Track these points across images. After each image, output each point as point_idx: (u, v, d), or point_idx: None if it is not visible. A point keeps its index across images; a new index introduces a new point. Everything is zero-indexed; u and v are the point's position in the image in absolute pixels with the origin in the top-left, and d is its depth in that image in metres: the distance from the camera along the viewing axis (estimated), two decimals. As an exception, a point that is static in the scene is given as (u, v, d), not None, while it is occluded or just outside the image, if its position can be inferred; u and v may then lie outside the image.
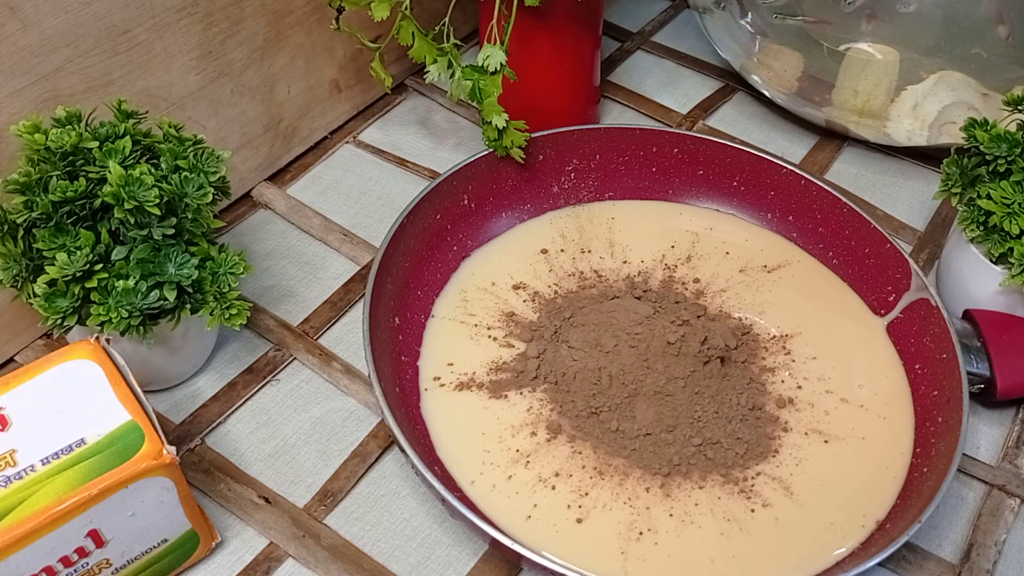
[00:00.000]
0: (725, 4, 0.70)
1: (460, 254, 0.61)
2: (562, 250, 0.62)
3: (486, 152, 0.61)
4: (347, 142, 0.71)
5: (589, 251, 0.62)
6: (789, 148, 0.72)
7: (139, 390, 0.44)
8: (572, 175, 0.64)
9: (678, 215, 0.64)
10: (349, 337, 0.59)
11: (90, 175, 0.47)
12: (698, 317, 0.56)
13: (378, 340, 0.53)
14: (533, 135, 0.62)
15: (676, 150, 0.64)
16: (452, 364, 0.55)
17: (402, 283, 0.57)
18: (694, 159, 0.64)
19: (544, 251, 0.62)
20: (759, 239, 0.63)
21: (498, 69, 0.60)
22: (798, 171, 0.62)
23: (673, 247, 0.62)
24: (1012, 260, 0.54)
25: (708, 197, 0.65)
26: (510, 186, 0.63)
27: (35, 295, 0.47)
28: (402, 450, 0.47)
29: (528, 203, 0.64)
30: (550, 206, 0.64)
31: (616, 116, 0.75)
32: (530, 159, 0.63)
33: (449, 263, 0.61)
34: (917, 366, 0.55)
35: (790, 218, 0.63)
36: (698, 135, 0.64)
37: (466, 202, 0.61)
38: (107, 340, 0.45)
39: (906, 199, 0.69)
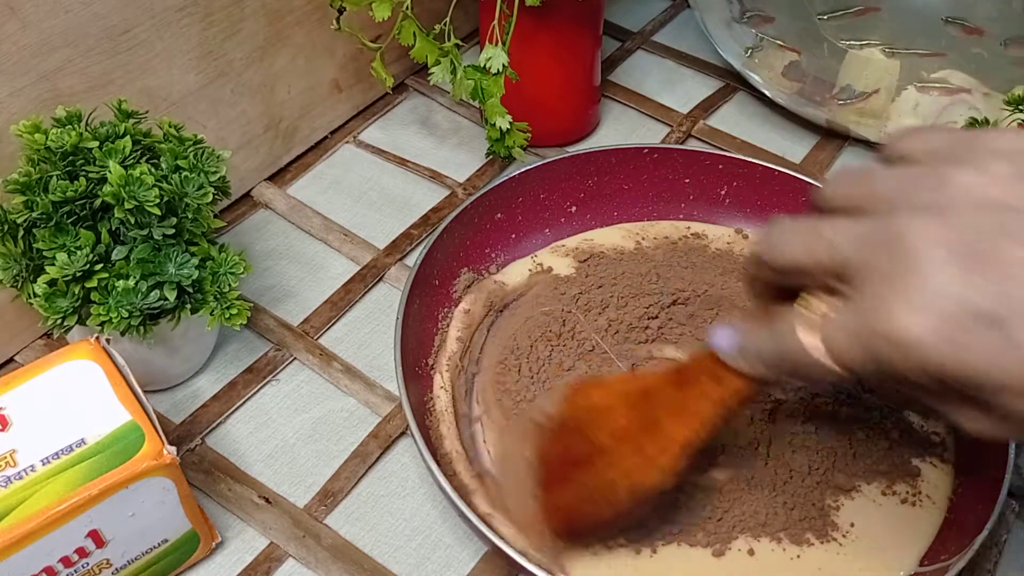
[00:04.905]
0: (734, 15, 0.70)
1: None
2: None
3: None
4: (347, 142, 0.71)
5: None
6: (790, 148, 0.72)
7: (139, 390, 0.44)
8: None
9: None
10: (349, 337, 0.59)
11: (90, 175, 0.47)
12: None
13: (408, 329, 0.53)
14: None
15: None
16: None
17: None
18: None
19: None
20: None
21: (500, 70, 0.60)
22: None
23: None
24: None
25: None
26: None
27: (35, 295, 0.47)
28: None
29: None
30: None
31: (616, 116, 0.75)
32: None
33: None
34: None
35: None
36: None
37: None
38: (107, 340, 0.45)
39: (907, 199, 0.69)
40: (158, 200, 0.46)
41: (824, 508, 0.50)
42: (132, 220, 0.46)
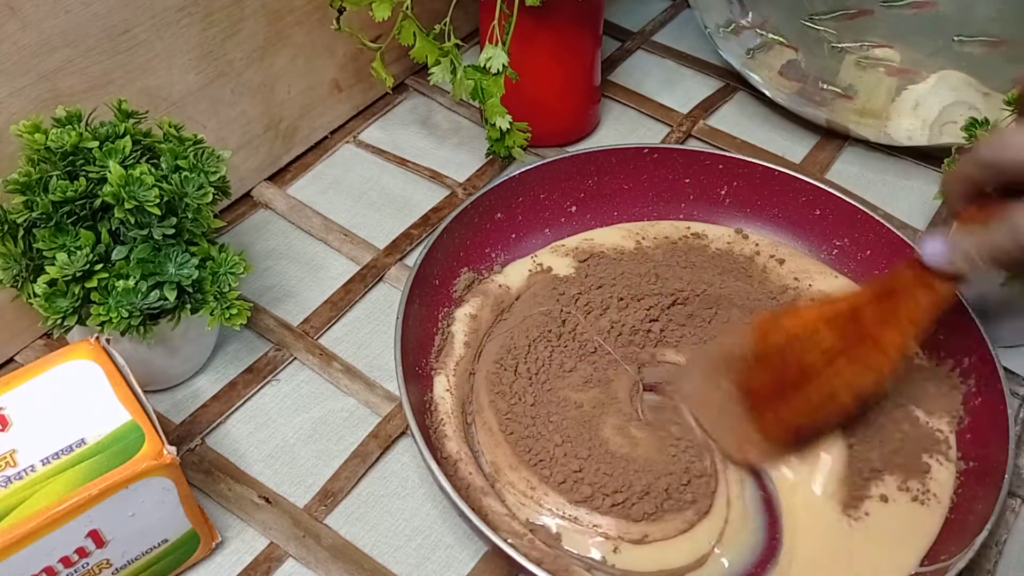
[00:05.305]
0: (734, 24, 0.70)
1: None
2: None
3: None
4: (347, 142, 0.71)
5: None
6: (790, 148, 0.72)
7: (139, 390, 0.44)
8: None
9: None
10: (349, 337, 0.59)
11: (90, 175, 0.47)
12: None
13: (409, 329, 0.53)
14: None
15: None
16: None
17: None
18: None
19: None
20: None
21: (500, 70, 0.60)
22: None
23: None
24: (1013, 260, 0.54)
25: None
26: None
27: (35, 295, 0.47)
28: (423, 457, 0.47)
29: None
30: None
31: (616, 116, 0.75)
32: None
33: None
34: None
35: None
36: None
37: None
38: (107, 340, 0.45)
39: (907, 199, 0.69)
40: (158, 200, 0.46)
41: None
42: (132, 220, 0.46)
